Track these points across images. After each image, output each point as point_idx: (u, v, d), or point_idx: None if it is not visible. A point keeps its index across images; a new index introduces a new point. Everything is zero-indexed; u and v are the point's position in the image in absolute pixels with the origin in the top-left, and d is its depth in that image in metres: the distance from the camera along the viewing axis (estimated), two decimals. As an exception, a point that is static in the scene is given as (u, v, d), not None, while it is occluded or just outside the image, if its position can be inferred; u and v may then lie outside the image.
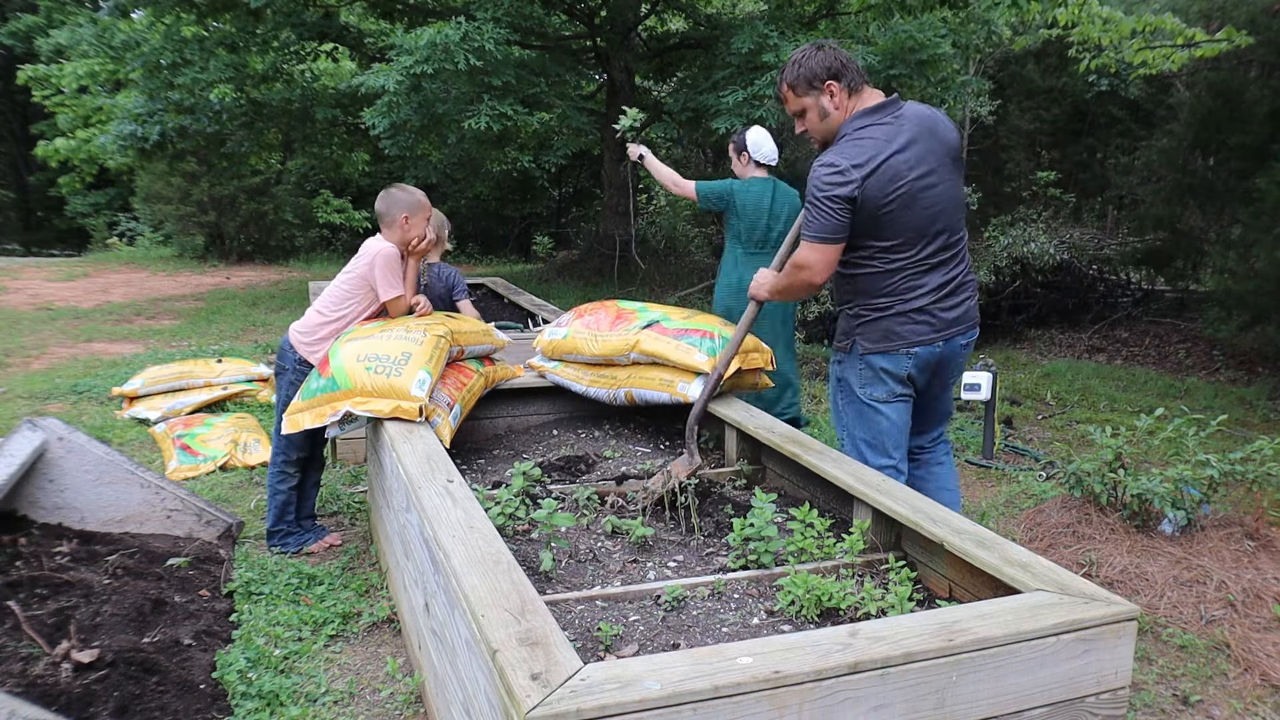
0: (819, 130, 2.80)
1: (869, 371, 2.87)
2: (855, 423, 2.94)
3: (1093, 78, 10.91)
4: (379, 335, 3.17)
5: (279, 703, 2.57)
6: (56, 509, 3.37)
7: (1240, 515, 3.59)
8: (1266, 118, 7.82)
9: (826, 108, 2.75)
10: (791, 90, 2.78)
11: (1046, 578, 1.87)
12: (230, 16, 9.69)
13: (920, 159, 2.69)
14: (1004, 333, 8.64)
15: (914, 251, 2.74)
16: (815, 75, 2.72)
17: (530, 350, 3.87)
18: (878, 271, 2.78)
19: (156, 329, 8.67)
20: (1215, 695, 2.71)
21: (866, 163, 2.63)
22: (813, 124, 2.80)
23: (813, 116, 2.78)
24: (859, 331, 2.86)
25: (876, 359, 2.84)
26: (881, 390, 2.87)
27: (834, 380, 3.04)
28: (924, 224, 2.72)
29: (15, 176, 21.93)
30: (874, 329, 2.82)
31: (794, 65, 2.76)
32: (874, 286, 2.80)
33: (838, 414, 3.04)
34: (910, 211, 2.69)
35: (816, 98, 2.74)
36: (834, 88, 2.72)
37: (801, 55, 2.77)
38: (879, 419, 2.89)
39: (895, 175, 2.65)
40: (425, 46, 7.34)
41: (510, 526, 2.56)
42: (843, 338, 2.95)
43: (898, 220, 2.70)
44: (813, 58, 2.73)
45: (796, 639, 1.61)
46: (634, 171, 10.50)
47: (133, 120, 10.07)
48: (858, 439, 2.94)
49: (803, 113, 2.80)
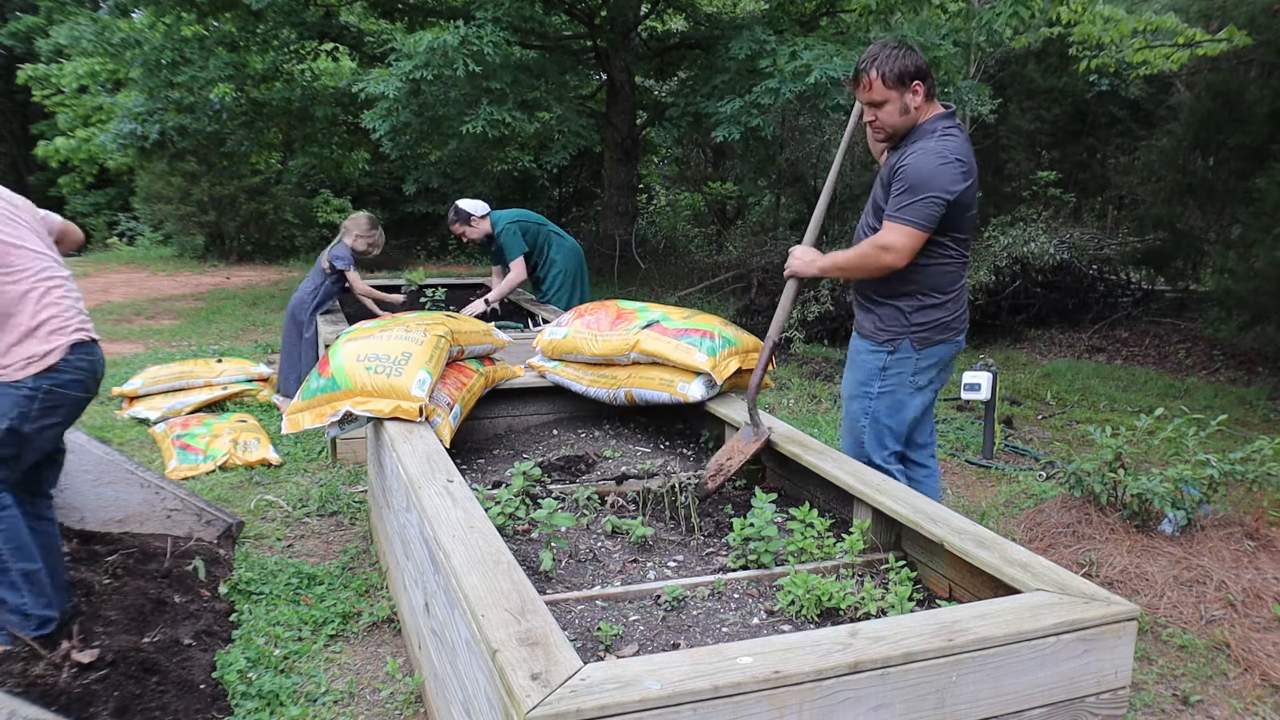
0: (893, 124, 2.90)
1: (926, 361, 2.95)
2: (889, 412, 3.00)
3: (1093, 78, 10.89)
4: (379, 335, 3.17)
5: (279, 702, 2.57)
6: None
7: (1240, 515, 3.59)
8: (1266, 118, 7.82)
9: (909, 105, 2.86)
10: (882, 80, 2.83)
11: (1046, 578, 1.87)
12: (230, 16, 9.68)
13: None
14: (1004, 333, 8.64)
15: (965, 248, 2.95)
16: (907, 73, 2.82)
17: (530, 350, 3.87)
18: (950, 265, 2.92)
19: (156, 329, 8.67)
20: (1215, 695, 2.71)
21: (971, 164, 2.83)
22: (890, 116, 2.89)
23: (892, 109, 2.87)
24: (920, 323, 2.93)
25: (938, 349, 2.95)
26: (926, 378, 2.99)
27: (873, 368, 3.01)
28: (971, 223, 2.95)
29: (15, 176, 21.89)
30: (938, 322, 2.93)
31: (889, 58, 2.83)
32: (943, 280, 2.93)
33: (864, 402, 3.03)
34: (972, 212, 2.90)
35: (902, 94, 2.85)
36: (919, 88, 2.85)
37: (896, 50, 2.85)
38: (910, 408, 3.00)
39: (975, 177, 2.86)
40: (424, 51, 7.33)
41: (510, 526, 2.56)
42: (891, 333, 2.96)
43: (967, 219, 2.89)
44: (908, 56, 2.84)
45: (796, 639, 1.61)
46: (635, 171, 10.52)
47: (133, 119, 10.07)
48: (884, 426, 3.01)
49: (883, 104, 2.87)
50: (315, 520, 3.97)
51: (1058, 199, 10.57)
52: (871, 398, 3.02)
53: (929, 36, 7.51)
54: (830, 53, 7.46)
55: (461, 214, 5.77)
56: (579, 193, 15.84)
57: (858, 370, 3.07)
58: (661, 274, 11.40)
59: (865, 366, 3.04)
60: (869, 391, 3.02)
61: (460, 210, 5.78)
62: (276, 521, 3.94)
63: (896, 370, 2.96)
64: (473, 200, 5.90)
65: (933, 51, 7.51)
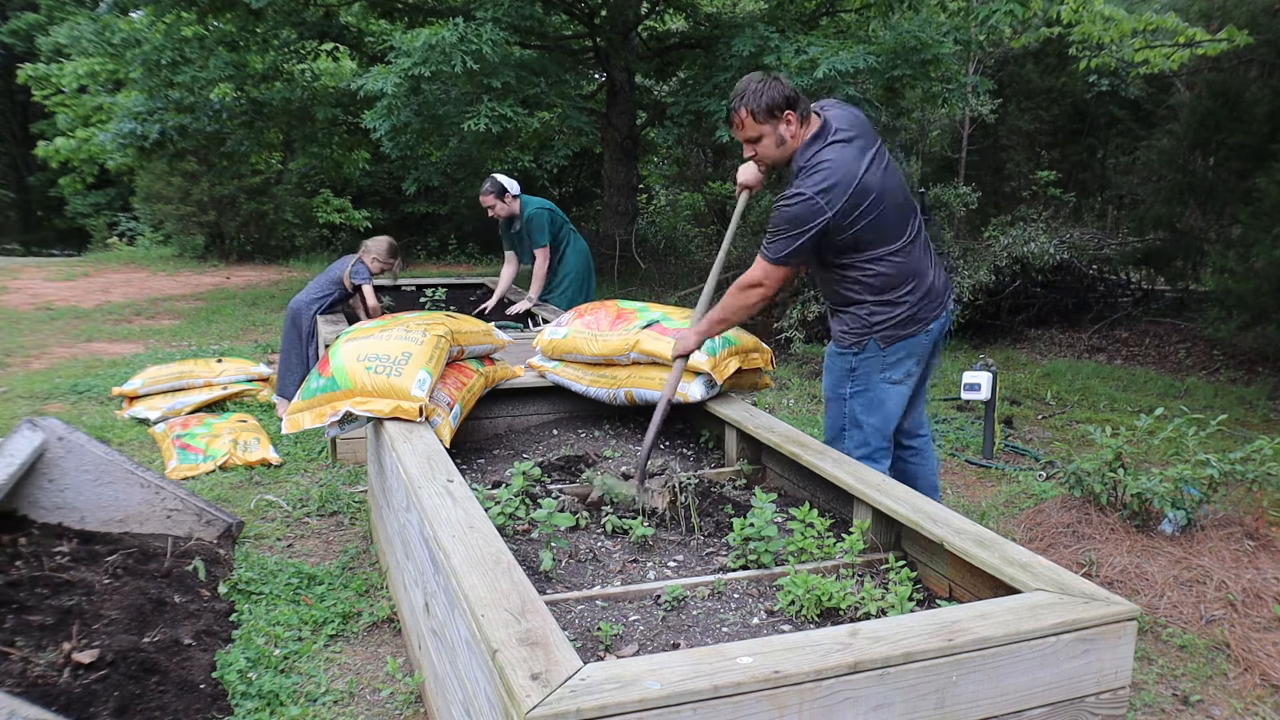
0: (772, 156, 2.92)
1: (893, 358, 2.98)
2: (866, 409, 3.04)
3: (1093, 78, 10.90)
4: (379, 335, 3.17)
5: (279, 702, 2.57)
6: (56, 509, 3.37)
7: (1240, 515, 3.59)
8: (1266, 118, 7.82)
9: (784, 135, 2.87)
10: (751, 117, 2.86)
11: (1046, 577, 1.87)
12: (231, 15, 9.68)
13: (874, 159, 2.86)
14: (1004, 333, 8.64)
15: (906, 243, 2.92)
16: (776, 104, 2.83)
17: (530, 350, 3.87)
18: (881, 272, 2.91)
19: (156, 329, 8.67)
20: (1215, 695, 2.71)
21: (832, 188, 2.77)
22: (767, 150, 2.91)
23: (769, 144, 2.89)
24: (879, 326, 2.96)
25: (904, 344, 2.97)
26: (900, 372, 3.01)
27: (839, 373, 3.08)
28: (903, 215, 2.92)
29: (15, 176, 21.92)
30: (895, 321, 2.95)
31: (754, 94, 2.84)
32: (883, 285, 2.93)
33: (841, 405, 3.09)
34: (880, 207, 2.84)
35: (775, 126, 2.86)
36: (791, 116, 2.85)
37: (760, 84, 2.85)
38: (888, 403, 3.02)
39: (864, 191, 2.79)
40: (422, 49, 7.33)
41: (510, 526, 2.56)
42: (855, 335, 3.01)
43: (874, 219, 2.84)
44: (773, 87, 2.83)
45: (796, 639, 1.61)
46: (635, 171, 10.51)
47: (132, 119, 10.06)
48: (865, 424, 3.05)
49: (759, 139, 2.90)
50: (315, 520, 3.97)
51: (1058, 199, 10.57)
52: (845, 399, 3.08)
53: (930, 33, 7.51)
54: (836, 47, 7.45)
55: (498, 186, 5.85)
56: (579, 193, 15.84)
57: (830, 374, 3.15)
58: (661, 274, 11.40)
59: (834, 370, 3.11)
60: (842, 394, 3.08)
61: (497, 182, 5.87)
62: (276, 521, 3.94)
63: (865, 370, 3.01)
64: (509, 178, 5.98)
65: (934, 49, 7.51)
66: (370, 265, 5.49)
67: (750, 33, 8.20)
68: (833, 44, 7.63)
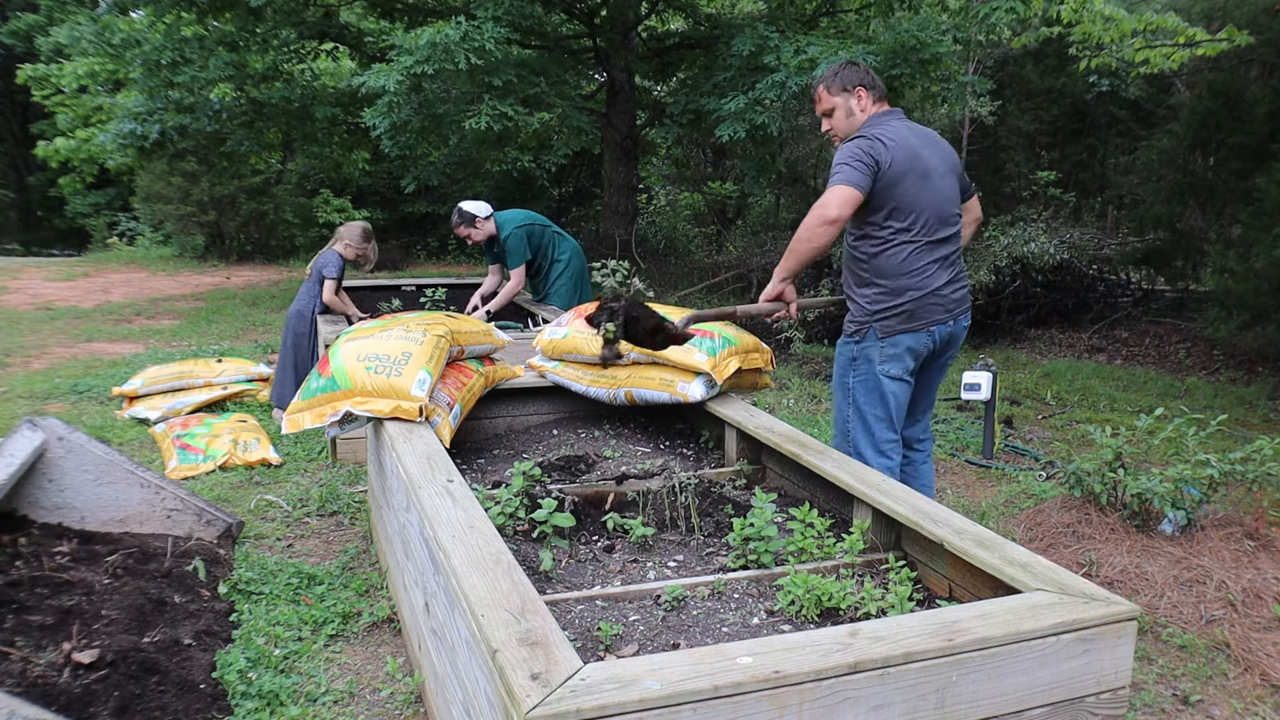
0: (843, 127, 3.17)
1: (890, 350, 3.06)
2: (869, 400, 3.12)
3: (1093, 78, 10.88)
4: (379, 335, 3.17)
5: (279, 702, 2.57)
6: (56, 509, 3.37)
7: (1240, 515, 3.59)
8: (1266, 118, 7.82)
9: (853, 108, 3.15)
10: (826, 90, 3.17)
11: (1046, 578, 1.87)
12: (230, 15, 9.68)
13: (930, 155, 3.09)
14: (1004, 333, 8.64)
15: (926, 233, 3.03)
16: (849, 81, 3.14)
17: (530, 350, 3.87)
18: (895, 249, 3.02)
19: (156, 329, 8.67)
20: (1215, 695, 2.71)
21: (890, 140, 3.01)
22: (839, 121, 3.17)
23: (840, 115, 3.16)
24: (878, 315, 3.06)
25: (903, 338, 3.05)
26: (898, 367, 3.08)
27: (845, 360, 3.19)
28: (936, 209, 3.05)
29: (15, 176, 21.93)
30: (895, 313, 3.05)
31: (832, 72, 3.19)
32: (889, 265, 3.04)
33: (847, 393, 3.17)
34: (925, 194, 3.02)
35: (846, 99, 3.15)
36: (863, 93, 3.14)
37: (840, 65, 3.21)
38: (888, 397, 3.10)
39: (914, 154, 3.03)
40: (425, 46, 7.33)
41: (510, 526, 2.56)
42: (858, 324, 3.13)
43: (913, 198, 3.01)
44: (849, 67, 3.18)
45: (796, 639, 1.61)
46: (635, 171, 10.50)
47: (133, 119, 10.06)
48: (869, 415, 3.12)
49: (831, 111, 3.17)
50: (315, 520, 3.97)
51: (1058, 199, 10.57)
52: (849, 389, 3.17)
53: (929, 33, 7.51)
54: (836, 46, 7.45)
55: (466, 216, 5.75)
56: (579, 193, 15.83)
57: (836, 364, 3.27)
58: (661, 274, 11.40)
59: (840, 360, 3.23)
60: (846, 384, 3.18)
61: (465, 213, 5.76)
62: (276, 521, 3.94)
63: (865, 358, 3.11)
64: (475, 201, 5.88)
65: (933, 48, 7.51)
66: (344, 253, 5.40)
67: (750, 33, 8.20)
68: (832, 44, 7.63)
